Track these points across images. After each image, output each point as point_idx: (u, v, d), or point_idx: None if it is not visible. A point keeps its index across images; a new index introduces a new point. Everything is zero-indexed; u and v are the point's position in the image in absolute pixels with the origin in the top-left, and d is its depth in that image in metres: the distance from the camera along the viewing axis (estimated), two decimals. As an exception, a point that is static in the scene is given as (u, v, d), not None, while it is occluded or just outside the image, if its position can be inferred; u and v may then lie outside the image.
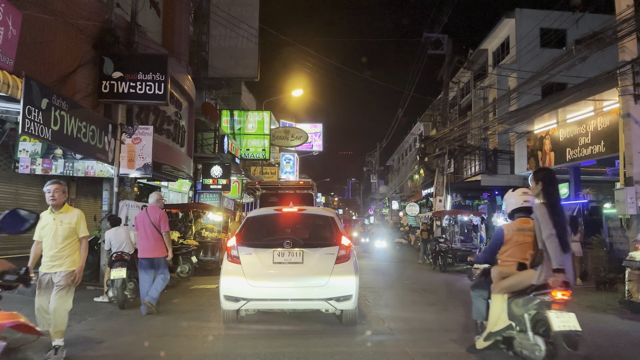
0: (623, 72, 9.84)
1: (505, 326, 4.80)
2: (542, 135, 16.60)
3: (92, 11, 9.89)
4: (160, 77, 9.90)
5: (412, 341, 6.06)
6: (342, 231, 6.68)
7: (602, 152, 13.55)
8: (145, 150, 10.10)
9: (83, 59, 9.62)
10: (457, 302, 9.35)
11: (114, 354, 5.57)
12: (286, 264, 6.23)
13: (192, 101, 15.74)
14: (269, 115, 24.92)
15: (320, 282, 6.12)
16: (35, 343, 5.11)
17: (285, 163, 35.02)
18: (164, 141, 13.14)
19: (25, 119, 6.49)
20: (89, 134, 8.59)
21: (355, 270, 6.29)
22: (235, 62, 19.82)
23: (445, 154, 20.08)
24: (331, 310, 6.37)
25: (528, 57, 21.31)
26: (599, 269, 11.15)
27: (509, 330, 4.80)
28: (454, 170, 26.07)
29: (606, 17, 13.76)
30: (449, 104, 24.71)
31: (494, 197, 23.15)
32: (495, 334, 4.91)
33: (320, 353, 5.42)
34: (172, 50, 13.54)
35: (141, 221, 7.76)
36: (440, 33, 20.48)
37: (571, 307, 5.80)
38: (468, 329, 6.78)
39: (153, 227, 7.59)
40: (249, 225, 6.82)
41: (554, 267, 4.27)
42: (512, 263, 4.83)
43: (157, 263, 7.67)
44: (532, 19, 23.37)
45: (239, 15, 19.50)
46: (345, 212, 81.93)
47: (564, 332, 4.23)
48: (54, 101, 7.27)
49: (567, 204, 15.52)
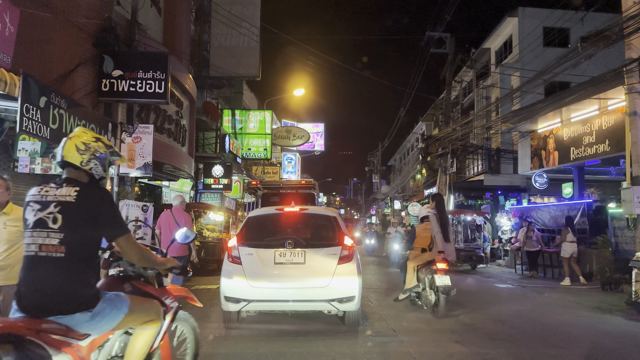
0: (630, 69, 9.71)
1: (414, 285, 8.04)
2: (546, 134, 16.48)
3: (92, 9, 9.80)
4: (160, 75, 9.78)
5: (415, 342, 5.96)
6: (344, 231, 6.58)
7: (606, 151, 13.44)
8: (145, 150, 10.00)
9: (83, 57, 9.52)
10: (461, 302, 9.24)
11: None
12: (288, 265, 6.13)
13: (194, 100, 15.65)
14: (271, 115, 24.83)
15: (323, 283, 6.01)
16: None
17: (287, 163, 34.94)
18: (165, 140, 13.05)
19: (23, 117, 6.39)
20: (89, 132, 8.49)
21: (358, 271, 6.19)
22: (236, 61, 19.73)
23: (448, 153, 19.94)
24: (333, 312, 6.27)
25: (531, 56, 21.17)
26: (605, 269, 11.03)
27: (416, 288, 8.05)
28: (456, 170, 25.95)
29: (609, 16, 13.63)
30: (451, 103, 24.58)
31: (496, 197, 23.01)
32: (410, 290, 8.14)
33: (322, 355, 5.33)
34: (173, 49, 13.45)
35: (166, 222, 8.16)
36: (442, 32, 20.31)
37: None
38: (472, 330, 6.68)
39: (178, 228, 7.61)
40: (250, 225, 6.71)
41: (438, 250, 7.68)
42: (419, 248, 8.34)
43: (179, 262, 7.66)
44: (535, 17, 23.25)
45: (241, 13, 19.41)
46: (347, 212, 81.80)
47: (441, 286, 7.35)
48: (53, 99, 7.17)
49: (572, 203, 15.41)
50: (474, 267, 16.22)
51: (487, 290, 11.50)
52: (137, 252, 2.91)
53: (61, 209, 2.58)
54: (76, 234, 2.58)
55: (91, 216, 2.62)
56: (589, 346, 6.01)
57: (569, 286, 11.88)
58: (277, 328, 6.72)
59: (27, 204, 2.66)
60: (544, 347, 5.90)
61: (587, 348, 5.93)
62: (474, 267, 16.22)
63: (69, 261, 2.55)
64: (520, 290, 11.45)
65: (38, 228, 2.57)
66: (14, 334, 2.27)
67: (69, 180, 2.71)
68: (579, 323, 7.41)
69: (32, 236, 2.58)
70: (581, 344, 6.09)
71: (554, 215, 15.92)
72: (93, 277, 2.71)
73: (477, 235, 17.45)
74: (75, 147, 2.74)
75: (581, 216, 14.33)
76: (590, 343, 6.17)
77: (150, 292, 3.23)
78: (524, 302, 9.72)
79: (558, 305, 9.10)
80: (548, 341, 6.19)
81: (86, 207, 2.62)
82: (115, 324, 2.75)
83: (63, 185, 2.67)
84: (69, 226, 2.56)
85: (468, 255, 16.26)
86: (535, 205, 18.96)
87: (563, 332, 6.77)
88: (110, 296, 2.76)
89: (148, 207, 10.11)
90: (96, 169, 2.81)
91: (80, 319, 2.56)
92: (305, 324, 6.84)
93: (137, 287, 3.16)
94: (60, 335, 2.45)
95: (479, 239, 17.36)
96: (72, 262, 2.56)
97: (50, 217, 2.57)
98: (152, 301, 3.14)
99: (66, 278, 2.54)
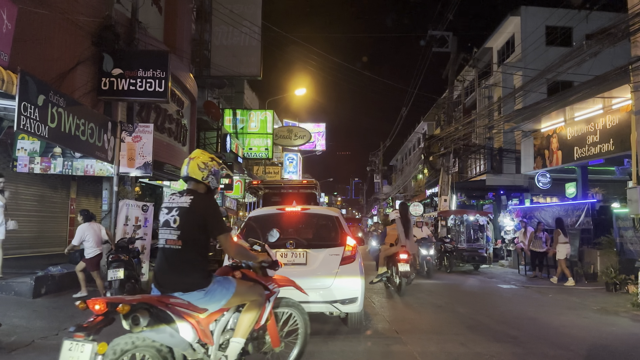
0: (636, 67, 9.59)
1: (384, 272, 10.16)
2: (549, 133, 16.35)
3: (91, 7, 9.71)
4: (160, 73, 9.70)
5: (420, 345, 5.85)
6: (347, 231, 6.47)
7: (611, 151, 13.31)
8: (145, 149, 9.91)
9: (82, 56, 9.43)
10: (465, 303, 9.14)
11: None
12: (289, 265, 6.01)
13: (195, 100, 15.56)
14: (272, 114, 24.72)
15: (325, 284, 5.91)
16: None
17: (289, 163, 34.84)
18: (166, 140, 12.96)
19: (20, 116, 6.30)
20: (88, 131, 8.40)
21: (361, 272, 6.08)
22: (238, 60, 19.61)
23: (450, 152, 19.82)
24: (336, 314, 6.16)
25: (533, 56, 21.06)
26: (609, 270, 10.90)
27: (386, 274, 10.13)
28: (458, 170, 25.81)
29: (611, 15, 13.50)
30: (453, 102, 24.46)
31: (498, 197, 22.90)
32: (381, 275, 10.17)
33: (324, 356, 5.22)
34: (174, 48, 13.35)
35: None
36: (445, 31, 20.19)
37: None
38: (476, 332, 6.58)
39: None
40: (251, 225, 6.60)
41: (401, 245, 9.85)
42: (389, 243, 10.31)
43: None
44: (538, 16, 23.09)
45: (242, 12, 19.28)
46: (349, 212, 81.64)
47: (402, 271, 9.45)
48: (51, 98, 7.08)
49: (576, 203, 15.29)
50: (477, 268, 16.11)
51: (490, 291, 11.39)
52: (234, 248, 3.70)
53: (179, 212, 3.43)
54: (188, 231, 3.39)
55: (199, 218, 3.41)
56: (595, 348, 5.90)
57: (573, 287, 11.76)
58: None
59: (161, 208, 3.59)
60: (551, 348, 5.80)
61: (594, 350, 5.82)
62: (477, 268, 16.11)
63: (185, 252, 3.36)
64: (524, 291, 11.34)
65: (164, 227, 3.47)
66: (149, 304, 3.12)
67: (189, 191, 3.55)
68: (584, 324, 7.30)
69: (162, 233, 3.47)
70: (588, 346, 5.98)
71: (557, 215, 15.79)
72: (205, 264, 3.47)
73: (480, 236, 17.33)
74: (197, 166, 3.57)
75: (585, 216, 14.20)
76: (597, 345, 6.06)
77: (255, 279, 3.95)
78: (528, 303, 9.61)
79: (563, 307, 8.99)
80: (554, 343, 6.08)
81: (196, 212, 3.42)
82: (225, 302, 3.54)
83: (184, 194, 3.53)
84: (184, 226, 3.39)
85: (471, 255, 16.13)
86: (538, 205, 18.84)
87: (569, 333, 6.66)
88: (220, 279, 3.57)
89: (148, 207, 10.02)
90: (212, 182, 3.61)
91: (197, 296, 3.36)
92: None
93: (245, 275, 3.93)
94: (183, 308, 3.27)
95: (481, 239, 17.24)
96: (187, 253, 3.37)
97: (172, 218, 3.44)
98: (256, 285, 3.90)
99: (183, 265, 3.37)
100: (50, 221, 11.28)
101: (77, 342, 2.86)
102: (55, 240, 11.47)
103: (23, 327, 6.35)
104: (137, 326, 3.03)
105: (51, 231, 11.33)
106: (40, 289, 8.24)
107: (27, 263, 9.61)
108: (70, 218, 11.88)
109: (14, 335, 5.90)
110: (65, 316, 7.10)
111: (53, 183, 11.15)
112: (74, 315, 7.15)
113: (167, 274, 3.38)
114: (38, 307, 7.51)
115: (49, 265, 9.34)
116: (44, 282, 8.38)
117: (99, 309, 2.98)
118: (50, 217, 11.24)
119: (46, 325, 6.53)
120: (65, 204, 11.78)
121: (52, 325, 6.54)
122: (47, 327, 6.43)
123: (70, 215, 11.88)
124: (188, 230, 3.38)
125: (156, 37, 12.53)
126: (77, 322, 6.71)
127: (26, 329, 6.28)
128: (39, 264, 9.51)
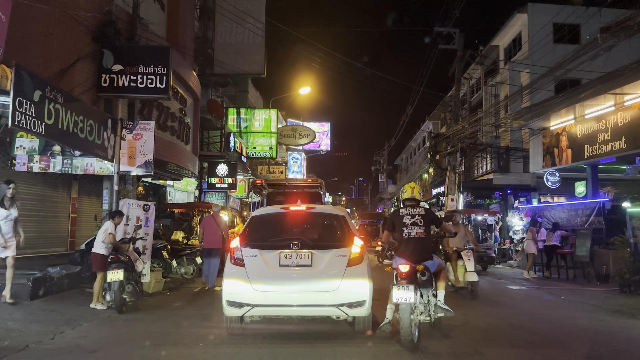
0: (651, 62, 9.28)
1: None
2: (559, 131, 16.02)
3: (92, 2, 9.49)
4: (162, 70, 9.46)
5: (432, 352, 5.57)
6: (354, 231, 6.22)
7: (622, 149, 12.99)
8: (146, 147, 9.67)
9: (82, 52, 9.21)
10: (474, 305, 8.85)
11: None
12: (294, 267, 5.78)
13: (198, 98, 15.32)
14: (276, 113, 24.48)
15: (331, 286, 5.66)
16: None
17: (293, 162, 34.59)
18: (168, 138, 12.73)
19: (15, 112, 6.08)
20: (87, 129, 8.17)
21: (368, 274, 5.83)
22: (241, 57, 19.36)
23: (457, 151, 19.51)
24: (342, 317, 5.91)
25: (540, 53, 20.66)
26: (623, 271, 10.58)
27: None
28: (464, 169, 25.47)
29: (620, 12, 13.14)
30: (460, 100, 24.13)
31: (506, 196, 22.57)
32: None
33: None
34: (176, 45, 13.12)
35: (209, 223, 10.93)
36: (451, 27, 19.87)
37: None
38: (490, 338, 6.31)
39: (218, 228, 10.87)
40: (254, 225, 6.36)
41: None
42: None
43: (215, 252, 10.68)
44: (545, 14, 22.74)
45: (245, 9, 19.03)
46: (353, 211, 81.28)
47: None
48: (48, 93, 6.86)
49: (587, 202, 14.97)
50: (485, 268, 15.80)
51: (500, 293, 11.09)
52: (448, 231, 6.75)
53: (422, 216, 5.93)
54: (426, 227, 5.90)
55: (430, 219, 6.01)
56: (618, 355, 5.63)
57: (585, 288, 11.45)
58: (282, 334, 6.40)
59: (403, 216, 5.99)
60: (570, 355, 5.53)
61: (617, 357, 5.55)
62: (485, 268, 15.80)
63: (425, 240, 5.90)
64: (535, 292, 11.05)
65: (412, 226, 5.87)
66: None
67: (418, 205, 6.13)
68: (602, 329, 7.00)
69: (411, 229, 5.88)
70: (609, 352, 5.72)
71: (567, 215, 15.49)
72: (432, 246, 6.43)
73: (488, 236, 17.02)
74: (419, 192, 6.18)
75: (596, 215, 13.89)
76: (619, 351, 5.78)
77: None
78: (541, 306, 9.33)
79: (577, 309, 8.70)
80: (573, 349, 5.81)
81: (428, 216, 6.01)
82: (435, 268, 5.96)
83: (415, 207, 6.04)
84: (424, 224, 5.88)
85: (479, 255, 15.78)
86: (548, 205, 18.52)
87: (587, 338, 6.37)
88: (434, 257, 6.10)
89: (149, 207, 9.80)
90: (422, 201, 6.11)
91: (431, 262, 5.87)
92: (312, 329, 6.51)
93: None
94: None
95: (490, 239, 16.93)
96: (427, 240, 5.95)
97: (417, 219, 5.88)
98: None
99: (425, 246, 5.90)
100: (52, 221, 11.09)
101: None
102: (56, 240, 11.30)
103: (18, 330, 6.12)
104: None
105: (52, 231, 11.15)
106: (38, 291, 8.02)
107: (27, 263, 9.40)
108: (72, 218, 11.70)
109: (7, 339, 5.68)
110: (63, 320, 6.87)
111: (54, 182, 10.96)
112: (72, 319, 6.94)
113: (416, 252, 5.82)
114: (35, 309, 7.29)
115: (49, 265, 9.13)
116: (42, 284, 8.16)
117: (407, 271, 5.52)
118: (51, 217, 11.06)
119: (42, 329, 6.30)
120: (66, 204, 11.60)
121: (48, 329, 6.31)
122: (43, 330, 6.21)
123: (72, 215, 11.69)
124: (426, 227, 5.94)
125: (159, 34, 12.32)
126: (75, 325, 6.54)
127: (21, 332, 6.05)
128: (39, 264, 9.31)
